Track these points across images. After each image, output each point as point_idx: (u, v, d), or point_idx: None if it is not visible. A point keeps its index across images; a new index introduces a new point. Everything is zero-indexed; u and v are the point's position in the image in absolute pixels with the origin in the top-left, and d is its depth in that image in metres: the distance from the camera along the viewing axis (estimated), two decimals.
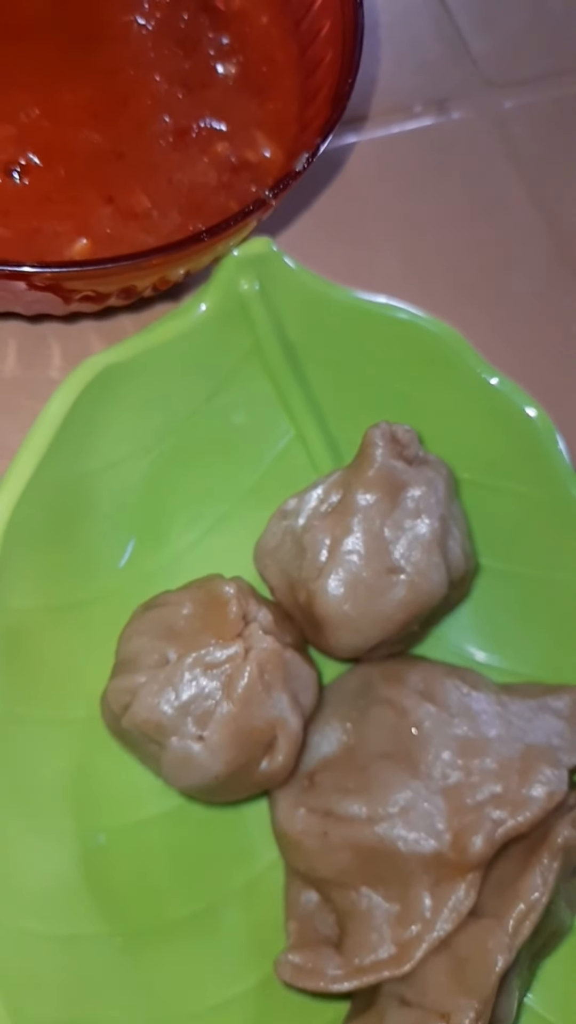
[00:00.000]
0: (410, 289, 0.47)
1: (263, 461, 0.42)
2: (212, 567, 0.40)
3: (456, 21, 0.53)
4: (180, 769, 0.35)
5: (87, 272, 0.30)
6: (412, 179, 0.50)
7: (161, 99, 0.38)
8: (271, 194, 0.33)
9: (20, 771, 0.35)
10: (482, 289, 0.48)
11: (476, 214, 0.49)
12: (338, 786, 0.37)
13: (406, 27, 0.52)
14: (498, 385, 0.41)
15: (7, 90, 0.36)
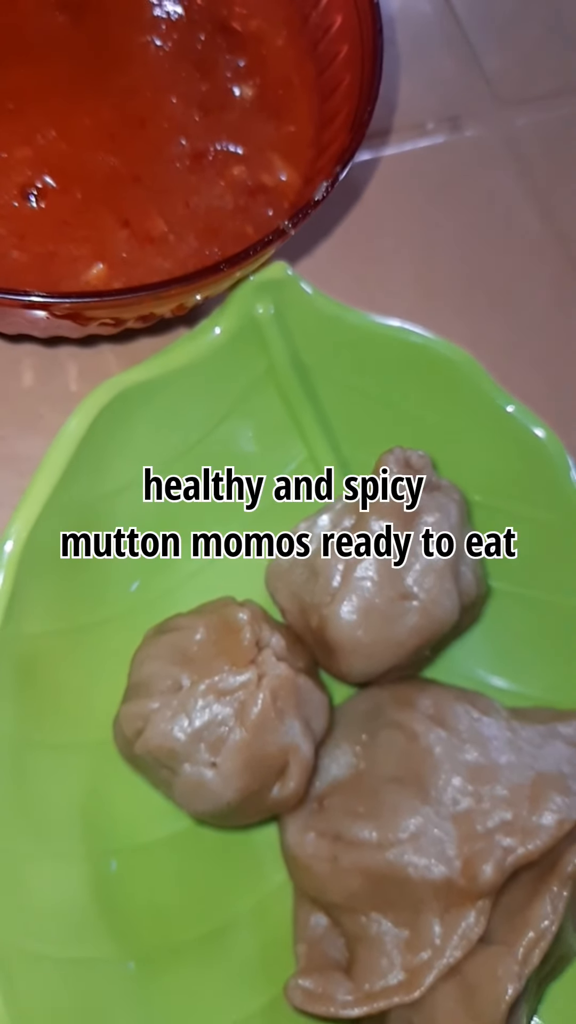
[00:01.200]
0: (421, 307, 0.47)
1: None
2: (223, 588, 0.40)
3: (469, 38, 0.53)
4: (192, 795, 0.35)
5: (107, 302, 0.30)
6: (424, 197, 0.49)
7: (178, 121, 0.37)
8: (290, 224, 0.33)
9: (33, 795, 0.35)
10: (493, 307, 0.48)
11: (488, 232, 0.49)
12: (348, 810, 0.37)
13: (419, 44, 0.52)
14: (510, 409, 0.41)
15: (24, 112, 0.36)
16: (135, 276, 0.35)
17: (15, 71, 0.36)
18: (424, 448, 0.41)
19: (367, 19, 0.36)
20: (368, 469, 0.42)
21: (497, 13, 0.53)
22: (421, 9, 0.53)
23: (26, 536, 0.34)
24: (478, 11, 0.53)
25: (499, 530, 0.42)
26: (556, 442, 0.41)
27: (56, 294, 0.30)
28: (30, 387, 0.41)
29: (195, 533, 0.40)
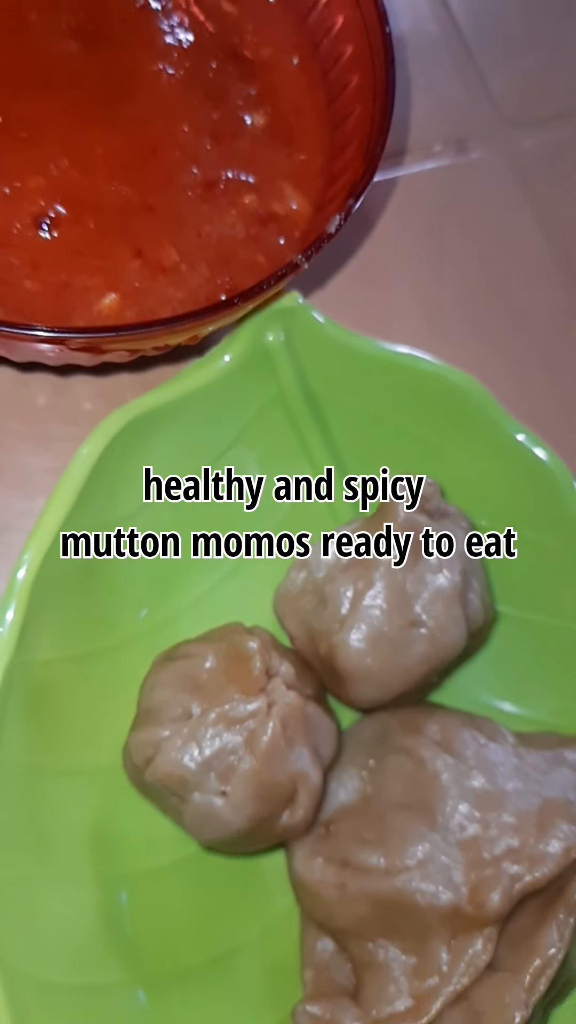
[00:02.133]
0: (425, 329, 0.48)
1: (283, 505, 0.42)
2: (231, 613, 0.40)
3: (476, 60, 0.53)
4: (202, 823, 0.35)
5: (121, 337, 0.30)
6: (430, 219, 0.50)
7: (189, 150, 0.38)
8: (303, 258, 0.33)
9: (43, 822, 0.36)
10: (500, 331, 0.48)
11: (493, 255, 0.50)
12: (355, 835, 0.37)
13: (426, 66, 0.52)
14: (516, 434, 0.41)
15: (37, 140, 0.36)
16: (147, 306, 0.35)
17: (28, 100, 0.36)
18: (432, 473, 0.41)
19: (379, 50, 0.36)
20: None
21: (503, 35, 0.54)
22: (428, 30, 0.53)
23: (39, 565, 0.35)
24: (484, 33, 0.53)
25: (506, 556, 0.42)
26: (562, 467, 0.41)
27: (70, 329, 0.30)
28: (44, 404, 0.41)
29: (195, 533, 0.40)
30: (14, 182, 0.36)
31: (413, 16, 0.53)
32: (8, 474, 0.41)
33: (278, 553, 0.42)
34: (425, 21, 0.53)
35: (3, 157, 0.36)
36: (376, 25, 0.37)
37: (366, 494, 0.42)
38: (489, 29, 0.54)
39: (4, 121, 0.36)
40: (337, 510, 0.43)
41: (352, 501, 0.43)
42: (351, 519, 0.42)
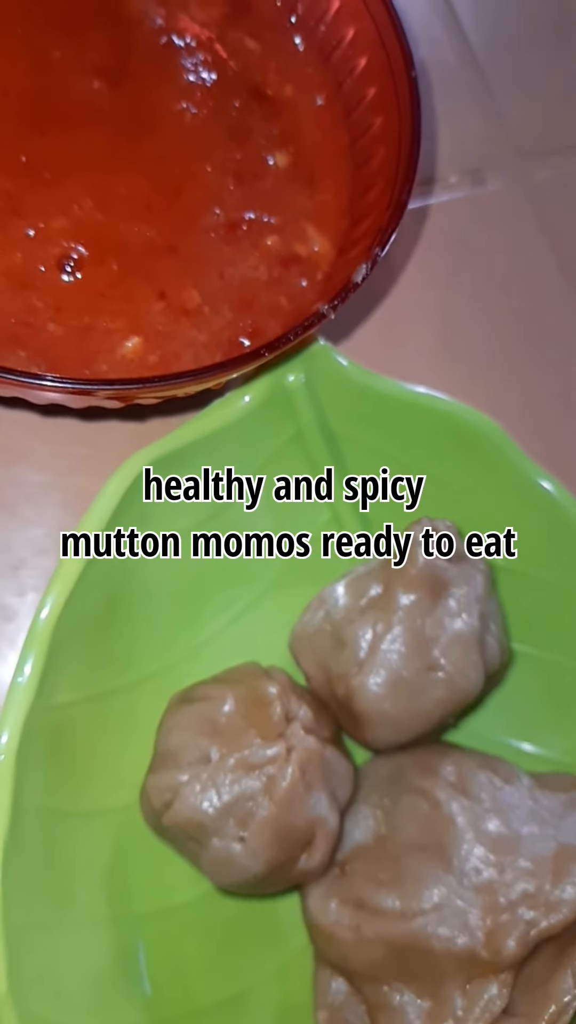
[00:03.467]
0: (442, 363, 0.48)
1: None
2: (247, 651, 0.40)
3: (492, 90, 0.53)
4: (220, 868, 0.35)
5: (148, 388, 0.30)
6: (447, 251, 0.50)
7: (213, 190, 0.37)
8: (330, 308, 0.33)
9: (61, 865, 0.36)
10: (514, 364, 0.48)
11: (509, 287, 0.50)
12: (370, 877, 0.37)
13: (441, 96, 0.52)
14: (533, 476, 0.41)
15: (61, 181, 0.36)
16: (170, 349, 0.35)
17: (52, 139, 0.36)
18: (448, 512, 0.41)
19: (404, 95, 0.36)
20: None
21: (519, 66, 0.54)
22: (445, 59, 0.53)
23: (60, 610, 0.34)
24: (501, 63, 0.53)
25: (521, 593, 0.42)
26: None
27: (98, 381, 0.30)
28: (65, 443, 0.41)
29: (195, 533, 0.40)
30: (38, 223, 0.35)
31: (430, 45, 0.53)
32: (24, 510, 0.41)
33: (278, 553, 0.41)
34: (442, 50, 0.53)
35: (27, 198, 0.35)
36: (402, 68, 0.36)
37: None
38: (505, 59, 0.54)
39: (28, 161, 0.36)
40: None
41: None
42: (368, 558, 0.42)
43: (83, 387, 0.30)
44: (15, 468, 0.41)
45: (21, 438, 0.41)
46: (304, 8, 0.40)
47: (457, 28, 0.53)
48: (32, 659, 0.34)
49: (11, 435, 0.41)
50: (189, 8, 0.39)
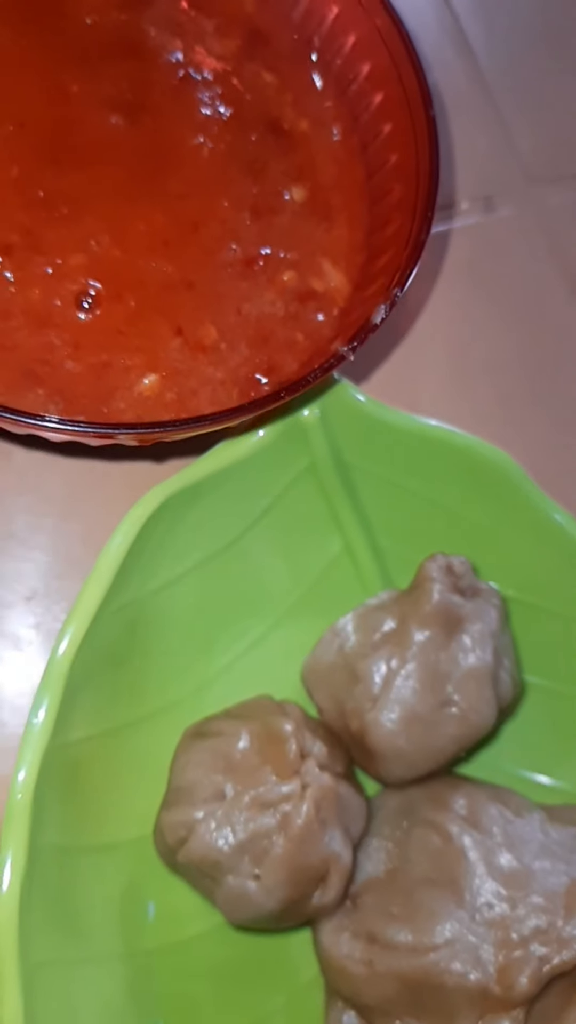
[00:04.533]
0: (452, 392, 0.48)
1: (311, 574, 0.42)
2: (259, 682, 0.40)
3: (502, 115, 0.53)
4: (235, 905, 0.35)
5: (169, 431, 0.30)
6: (457, 278, 0.50)
7: (230, 226, 0.37)
8: (349, 349, 0.33)
9: (75, 901, 0.36)
10: (526, 394, 0.48)
11: (521, 314, 0.50)
12: (382, 910, 0.38)
13: (451, 121, 0.52)
14: (546, 509, 0.41)
15: (79, 217, 0.36)
16: (187, 386, 0.35)
17: (70, 174, 0.36)
18: (461, 544, 0.42)
19: (422, 133, 0.36)
20: (403, 559, 0.43)
21: (530, 91, 0.54)
22: (455, 84, 0.53)
23: (76, 648, 0.35)
24: (512, 88, 0.53)
25: (533, 625, 0.42)
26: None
27: (120, 426, 0.30)
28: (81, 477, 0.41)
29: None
30: (55, 259, 0.35)
31: (441, 69, 0.53)
32: (38, 540, 0.41)
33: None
34: (453, 74, 0.53)
35: (44, 234, 0.35)
36: (420, 106, 0.36)
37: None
38: (516, 84, 0.54)
39: (46, 196, 0.36)
40: (366, 580, 0.43)
41: (381, 572, 0.43)
42: (380, 590, 0.42)
43: (106, 431, 0.30)
44: (27, 498, 0.41)
45: (35, 468, 0.41)
46: (321, 41, 0.40)
47: (468, 53, 0.53)
48: (48, 699, 0.34)
49: (25, 465, 0.41)
50: (206, 40, 0.39)
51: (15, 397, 0.33)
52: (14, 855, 0.32)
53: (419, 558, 0.40)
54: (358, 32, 0.39)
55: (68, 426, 0.29)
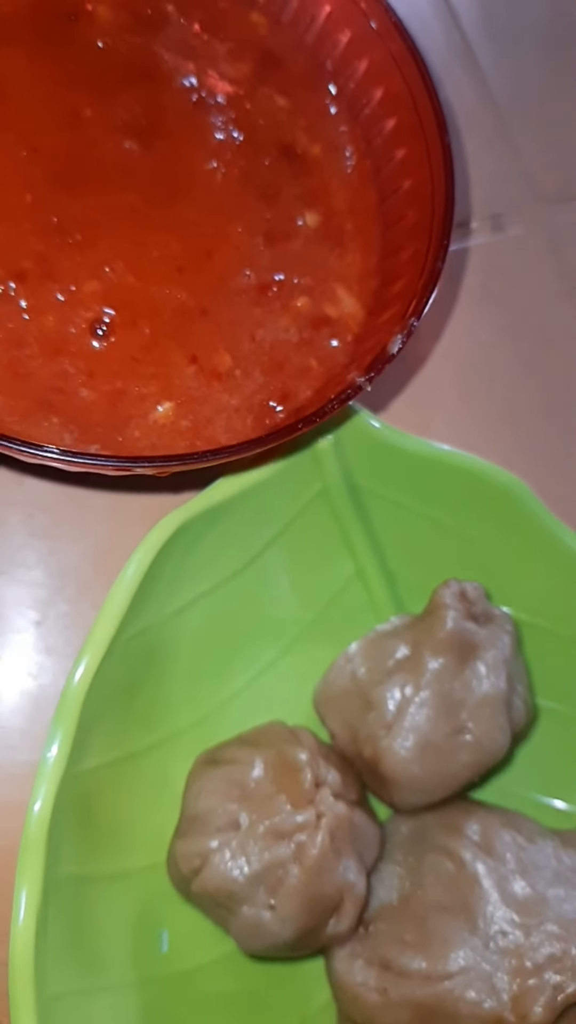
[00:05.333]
0: (461, 414, 0.48)
1: (322, 597, 0.42)
2: (270, 707, 0.40)
3: (511, 134, 0.53)
4: (250, 934, 0.35)
5: (186, 465, 0.30)
6: (465, 299, 0.50)
7: (244, 252, 0.37)
8: (366, 380, 0.33)
9: (89, 931, 0.36)
10: (535, 416, 0.48)
11: (529, 335, 0.50)
12: (396, 937, 0.37)
13: (461, 141, 0.52)
14: (558, 532, 0.41)
15: (93, 243, 0.36)
16: (202, 414, 0.35)
17: (83, 200, 0.36)
18: (472, 566, 0.42)
19: (437, 159, 0.36)
20: (415, 584, 0.42)
21: (539, 109, 0.54)
22: (464, 102, 0.53)
23: (90, 680, 0.34)
24: (520, 107, 0.53)
25: (546, 649, 0.42)
26: None
27: (138, 459, 0.30)
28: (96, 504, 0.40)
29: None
30: (69, 286, 0.35)
31: (449, 88, 0.53)
32: (50, 564, 0.41)
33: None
34: (462, 93, 0.53)
35: (58, 261, 0.35)
36: (435, 132, 0.36)
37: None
38: (525, 103, 0.53)
39: (59, 222, 0.36)
40: (377, 604, 0.43)
41: (392, 596, 0.43)
42: (391, 615, 0.42)
43: (125, 464, 0.30)
44: (38, 521, 0.41)
45: (46, 492, 0.41)
46: (335, 65, 0.40)
47: (477, 71, 0.53)
48: (63, 730, 0.34)
49: (36, 489, 0.41)
50: (219, 64, 0.39)
51: (29, 426, 0.33)
52: (29, 889, 0.32)
53: (431, 582, 0.40)
54: (371, 56, 0.39)
55: (88, 460, 0.29)
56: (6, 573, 0.40)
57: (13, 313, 0.34)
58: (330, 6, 0.39)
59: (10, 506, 0.40)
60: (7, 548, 0.40)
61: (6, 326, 0.34)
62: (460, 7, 0.53)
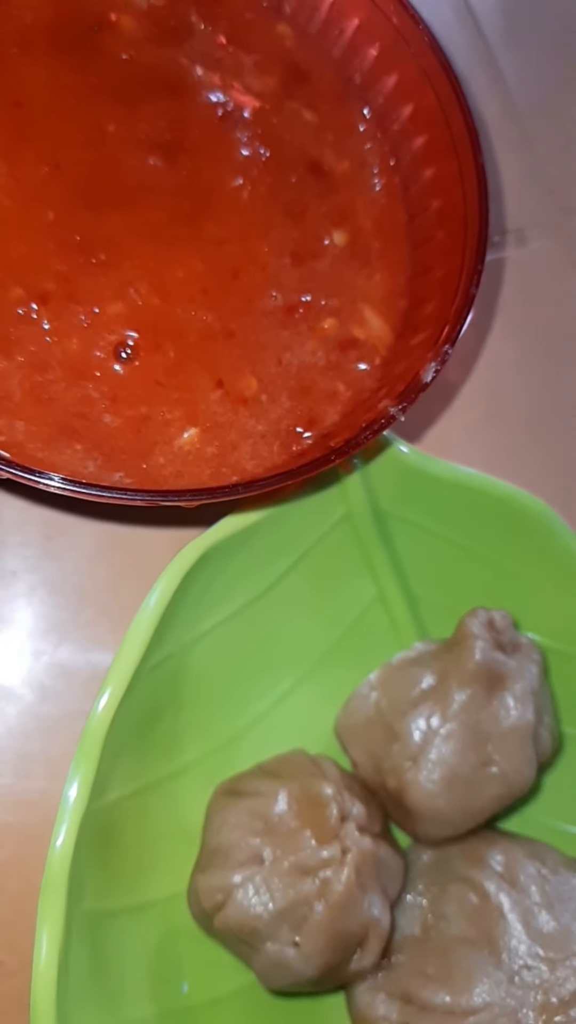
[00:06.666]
0: (485, 435, 0.47)
1: (344, 621, 0.42)
2: (290, 734, 0.40)
3: (535, 145, 0.52)
4: (273, 972, 0.35)
5: (219, 498, 0.29)
6: (489, 314, 0.49)
7: (270, 272, 0.36)
8: (399, 410, 0.32)
9: (108, 966, 0.35)
10: (561, 435, 0.47)
11: (554, 351, 0.49)
12: (418, 970, 0.37)
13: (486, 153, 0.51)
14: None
15: (116, 263, 0.35)
16: (228, 440, 0.34)
17: (107, 218, 0.35)
18: (496, 590, 0.41)
19: (471, 180, 0.35)
20: (437, 608, 0.42)
21: (562, 121, 0.53)
22: (487, 113, 0.52)
23: (112, 713, 0.34)
24: (543, 118, 0.52)
25: (570, 676, 0.41)
26: None
27: (169, 493, 0.29)
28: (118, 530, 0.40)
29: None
30: (93, 308, 0.34)
31: (471, 99, 0.52)
32: (66, 589, 0.40)
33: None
34: (484, 103, 0.52)
35: (82, 282, 0.34)
36: (467, 151, 0.35)
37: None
38: (548, 114, 0.53)
39: (82, 241, 0.35)
40: (399, 628, 0.42)
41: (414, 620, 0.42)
42: (414, 639, 0.42)
43: (154, 499, 0.29)
44: (55, 543, 0.40)
45: (64, 515, 0.40)
46: (363, 79, 0.39)
47: (500, 81, 0.52)
48: (85, 767, 0.33)
49: (54, 512, 0.40)
50: (245, 77, 0.38)
51: (52, 452, 0.32)
52: (50, 930, 0.32)
53: (454, 606, 0.40)
54: (401, 71, 0.38)
55: (118, 495, 0.28)
56: (22, 596, 0.40)
57: (36, 336, 0.33)
58: (359, 18, 0.38)
59: (27, 527, 0.39)
60: (23, 570, 0.40)
61: (28, 349, 0.33)
62: (483, 17, 0.52)
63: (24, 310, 0.34)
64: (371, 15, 0.38)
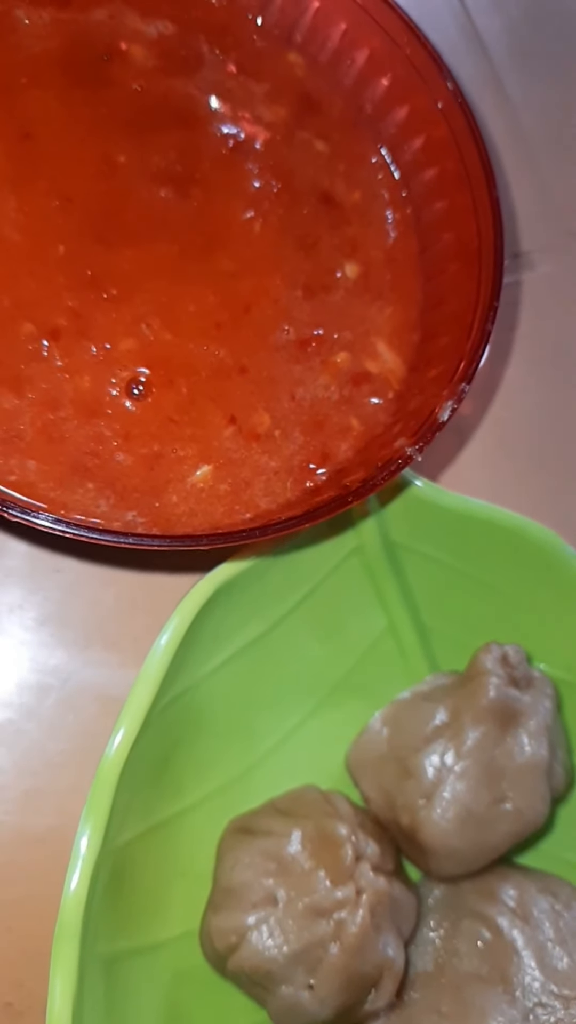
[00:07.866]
0: (493, 462, 0.46)
1: (354, 653, 0.41)
2: (300, 769, 0.39)
3: (541, 168, 0.51)
4: (287, 1015, 0.34)
5: (236, 542, 0.29)
6: (500, 339, 0.48)
7: (282, 305, 0.36)
8: (416, 449, 0.32)
9: (121, 1009, 0.34)
10: (570, 460, 0.47)
11: (561, 376, 0.49)
12: (431, 1007, 0.37)
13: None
14: None
15: (128, 298, 0.34)
16: (241, 476, 0.34)
17: (118, 251, 0.35)
18: (508, 622, 0.41)
19: (485, 213, 0.35)
20: (448, 639, 0.42)
21: (568, 143, 0.52)
22: (492, 136, 0.51)
23: (127, 753, 0.33)
24: (550, 140, 0.52)
25: None
26: None
27: (188, 538, 0.29)
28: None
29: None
30: (104, 344, 0.34)
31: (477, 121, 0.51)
32: (72, 624, 0.40)
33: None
34: (492, 126, 0.52)
35: (93, 317, 0.34)
36: (482, 185, 0.35)
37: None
38: (554, 136, 0.52)
39: (93, 276, 0.34)
40: (410, 660, 0.42)
41: (425, 651, 0.42)
42: (424, 670, 0.41)
43: (173, 545, 0.28)
44: (63, 577, 0.40)
45: (71, 550, 0.40)
46: (374, 109, 0.38)
47: (507, 104, 0.52)
48: (97, 812, 0.32)
49: (60, 547, 0.39)
50: (255, 106, 0.38)
51: (64, 492, 0.32)
52: (63, 976, 0.31)
53: (465, 638, 0.39)
54: (413, 102, 0.37)
55: (137, 541, 0.28)
56: (30, 631, 0.39)
57: (47, 373, 0.33)
58: (370, 48, 0.38)
59: (36, 560, 0.39)
60: (30, 605, 0.39)
61: (40, 387, 0.33)
62: (490, 40, 0.52)
63: (35, 346, 0.33)
64: (383, 45, 0.37)
